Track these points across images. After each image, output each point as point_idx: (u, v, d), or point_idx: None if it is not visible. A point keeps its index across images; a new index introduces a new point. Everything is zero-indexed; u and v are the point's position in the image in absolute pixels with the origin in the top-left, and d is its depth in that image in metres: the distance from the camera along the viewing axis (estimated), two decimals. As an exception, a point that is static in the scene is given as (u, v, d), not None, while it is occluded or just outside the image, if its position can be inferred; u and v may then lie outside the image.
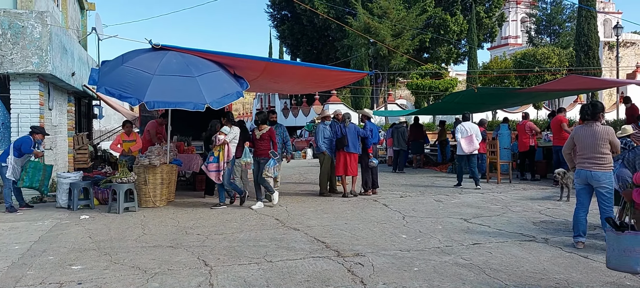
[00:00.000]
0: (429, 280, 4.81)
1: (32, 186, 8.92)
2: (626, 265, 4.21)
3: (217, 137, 8.87)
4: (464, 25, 34.87)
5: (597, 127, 5.86)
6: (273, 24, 42.45)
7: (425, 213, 8.39)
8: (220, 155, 8.90)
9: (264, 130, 9.14)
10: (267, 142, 9.08)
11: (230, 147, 8.99)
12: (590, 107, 6.02)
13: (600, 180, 5.72)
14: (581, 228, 5.96)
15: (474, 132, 11.75)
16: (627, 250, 4.17)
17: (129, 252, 5.95)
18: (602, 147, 5.74)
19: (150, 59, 8.38)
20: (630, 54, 39.51)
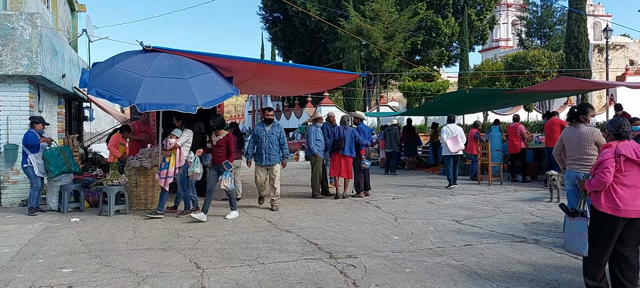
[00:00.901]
0: (421, 281, 4.82)
1: (62, 172, 9.09)
2: (576, 248, 4.55)
3: (168, 141, 8.34)
4: (455, 27, 35.05)
5: (582, 129, 5.92)
6: (265, 26, 42.43)
7: (417, 215, 8.41)
8: (171, 161, 8.30)
9: (221, 135, 8.34)
10: (224, 148, 8.26)
11: (182, 151, 8.46)
12: (575, 108, 6.10)
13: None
14: None
15: (458, 133, 12.16)
16: (577, 235, 4.52)
17: (120, 255, 5.92)
18: (587, 148, 5.79)
19: (141, 60, 8.34)
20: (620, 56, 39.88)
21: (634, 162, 4.15)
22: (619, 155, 4.16)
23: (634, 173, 4.16)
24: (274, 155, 9.07)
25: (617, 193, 4.13)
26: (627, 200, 4.11)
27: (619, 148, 4.19)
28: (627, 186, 4.14)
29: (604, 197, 4.20)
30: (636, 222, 4.15)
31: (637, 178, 4.15)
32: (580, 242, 4.53)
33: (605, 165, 4.18)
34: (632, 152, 4.15)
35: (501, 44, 58.70)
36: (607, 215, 4.15)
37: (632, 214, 4.11)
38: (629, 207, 4.11)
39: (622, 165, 4.15)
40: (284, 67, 11.72)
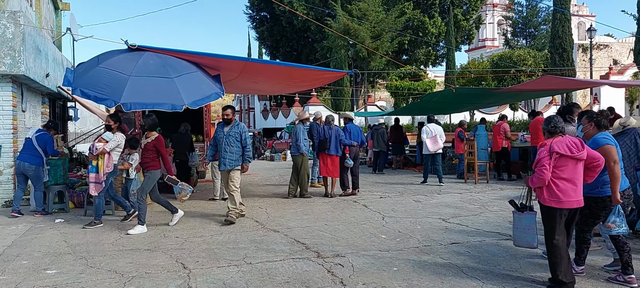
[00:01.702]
0: (408, 279, 4.83)
1: (57, 182, 9.08)
2: (526, 241, 5.06)
3: (95, 145, 7.79)
4: (442, 27, 35.25)
5: (568, 128, 5.97)
6: (252, 25, 42.31)
7: (404, 214, 8.44)
8: (99, 165, 7.76)
9: (150, 138, 7.63)
10: (153, 153, 7.54)
11: (111, 156, 7.87)
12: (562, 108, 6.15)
13: None
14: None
15: (438, 132, 12.55)
16: (526, 228, 5.05)
17: (105, 256, 5.86)
18: None
19: (126, 59, 8.25)
20: (603, 56, 40.38)
21: (568, 156, 4.45)
22: (553, 152, 4.46)
23: (570, 167, 4.47)
24: (230, 159, 7.93)
25: (557, 187, 4.46)
26: (568, 192, 4.45)
27: (552, 146, 4.50)
28: (565, 179, 4.46)
29: (546, 191, 4.52)
30: (582, 210, 4.57)
31: (574, 171, 4.48)
32: (530, 235, 5.04)
33: (542, 163, 4.50)
34: (565, 148, 4.46)
35: (487, 44, 59.16)
36: (552, 208, 4.48)
37: (573, 205, 4.48)
38: (571, 198, 4.46)
39: (557, 161, 4.45)
40: (270, 65, 11.69)
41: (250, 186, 13.12)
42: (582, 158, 4.50)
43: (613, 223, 4.72)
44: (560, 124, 4.61)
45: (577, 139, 4.62)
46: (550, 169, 4.46)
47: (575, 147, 4.50)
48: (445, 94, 16.48)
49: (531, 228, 5.01)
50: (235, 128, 8.03)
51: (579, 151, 4.48)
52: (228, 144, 7.96)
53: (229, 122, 8.09)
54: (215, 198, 10.43)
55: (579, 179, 4.52)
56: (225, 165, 7.95)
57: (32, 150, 8.61)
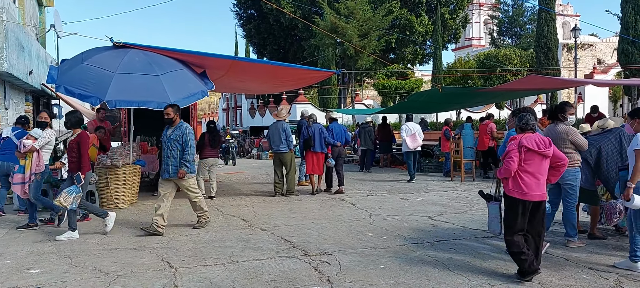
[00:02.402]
0: (394, 277, 4.85)
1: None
2: (492, 228, 5.54)
3: (23, 143, 7.21)
4: (429, 26, 35.40)
5: (559, 127, 6.03)
6: (239, 22, 42.10)
7: (391, 212, 8.47)
8: (26, 165, 7.23)
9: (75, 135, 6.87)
10: (75, 152, 6.73)
11: (41, 155, 7.32)
12: (555, 106, 6.19)
13: (564, 177, 5.89)
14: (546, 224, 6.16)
15: (416, 130, 12.98)
16: (493, 216, 5.49)
17: (90, 255, 5.80)
18: (563, 146, 5.90)
19: (111, 57, 8.17)
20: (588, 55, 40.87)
21: (535, 152, 4.72)
22: (521, 146, 4.74)
23: (536, 162, 4.74)
24: (174, 165, 7.00)
25: (522, 180, 4.74)
26: (531, 185, 4.72)
27: (521, 141, 4.77)
28: (530, 173, 4.73)
29: (511, 183, 4.80)
30: (541, 205, 4.80)
31: (539, 166, 4.75)
32: (495, 223, 5.46)
33: (510, 155, 4.78)
34: (533, 143, 4.73)
35: (474, 43, 59.60)
36: (516, 199, 4.75)
37: (536, 198, 4.73)
38: (533, 192, 4.72)
39: (524, 155, 4.72)
40: (258, 64, 11.63)
41: (237, 184, 13.08)
42: (548, 156, 4.77)
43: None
44: (531, 121, 4.88)
45: (546, 137, 4.86)
46: (517, 162, 4.73)
47: (543, 144, 4.76)
48: (432, 93, 16.57)
49: (495, 216, 5.43)
50: (177, 130, 7.03)
51: (546, 148, 4.74)
52: (170, 148, 7.00)
53: (172, 124, 7.08)
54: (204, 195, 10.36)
55: (543, 175, 4.78)
56: (168, 173, 7.02)
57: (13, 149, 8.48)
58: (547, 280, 4.70)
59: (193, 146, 7.04)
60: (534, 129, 4.88)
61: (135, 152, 9.76)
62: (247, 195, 10.88)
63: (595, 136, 6.37)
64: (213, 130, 10.56)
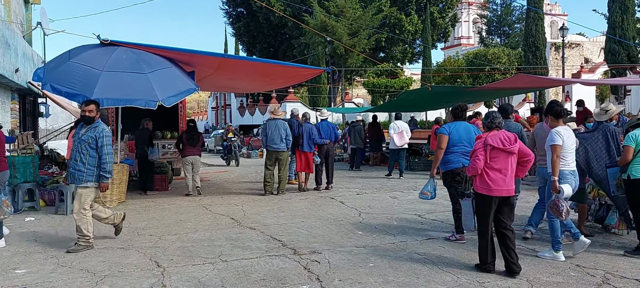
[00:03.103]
0: (383, 275, 4.85)
1: (27, 180, 8.78)
2: (466, 224, 5.82)
3: None
4: (418, 25, 35.50)
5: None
6: (228, 21, 41.92)
7: (381, 210, 8.48)
8: None
9: None
10: None
11: None
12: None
13: None
14: (533, 220, 6.21)
15: (403, 128, 13.40)
16: (466, 213, 5.74)
17: (77, 255, 5.73)
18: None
19: (98, 54, 8.09)
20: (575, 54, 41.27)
21: (500, 149, 4.89)
22: (487, 144, 4.92)
23: (501, 159, 4.91)
24: (80, 171, 5.98)
25: (489, 177, 4.91)
26: (498, 181, 4.88)
27: (487, 139, 4.95)
28: (497, 170, 4.90)
29: (479, 180, 4.98)
30: (509, 200, 4.96)
31: (505, 163, 4.91)
32: (468, 219, 5.70)
33: (476, 154, 4.97)
34: (498, 141, 4.91)
35: (463, 42, 59.89)
36: (483, 195, 4.93)
37: (503, 193, 4.89)
38: (500, 187, 4.88)
39: (490, 153, 4.90)
40: (247, 61, 11.58)
41: (226, 183, 13.03)
42: (514, 152, 4.93)
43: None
44: (497, 119, 5.07)
45: (511, 134, 5.02)
46: (483, 160, 4.91)
47: (507, 141, 4.92)
48: (422, 91, 16.61)
49: (468, 212, 5.64)
50: (91, 131, 6.03)
51: (511, 145, 4.90)
52: (79, 151, 6.00)
53: (89, 121, 6.10)
54: (190, 193, 10.42)
55: (509, 171, 4.94)
56: (74, 179, 6.04)
57: None
58: (535, 278, 4.73)
59: (111, 152, 6.07)
60: (500, 127, 5.06)
61: (123, 151, 9.69)
62: (237, 193, 10.84)
63: (582, 134, 6.41)
64: (192, 128, 10.74)
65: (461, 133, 6.32)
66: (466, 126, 6.52)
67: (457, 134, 6.28)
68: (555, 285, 4.52)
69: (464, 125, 6.50)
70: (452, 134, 6.29)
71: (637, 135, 5.54)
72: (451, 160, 6.31)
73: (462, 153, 6.27)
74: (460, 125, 6.46)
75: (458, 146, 6.27)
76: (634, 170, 5.47)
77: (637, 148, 5.48)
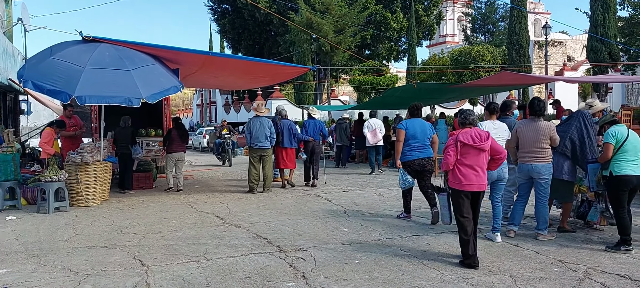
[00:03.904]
0: (369, 271, 4.87)
1: (8, 178, 8.64)
2: (443, 218, 6.06)
3: None
4: (403, 22, 35.63)
5: (541, 123, 6.10)
6: (213, 17, 41.66)
7: (366, 207, 8.51)
8: None
9: None
10: None
11: None
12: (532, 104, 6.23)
13: (541, 172, 6.00)
14: (516, 219, 6.23)
15: (377, 126, 13.75)
16: (443, 207, 5.99)
17: (59, 254, 5.66)
18: (543, 141, 6.00)
19: (81, 51, 7.99)
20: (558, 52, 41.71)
21: (470, 146, 5.05)
22: (458, 141, 5.09)
23: (472, 155, 5.07)
24: None
25: (460, 172, 5.09)
26: (469, 177, 5.06)
27: (458, 136, 5.12)
28: (468, 166, 5.07)
29: (451, 175, 5.18)
30: (481, 195, 5.14)
31: (476, 159, 5.07)
32: (445, 213, 5.95)
33: (448, 150, 5.16)
34: (469, 138, 5.07)
35: (448, 40, 60.25)
36: (456, 190, 5.13)
37: (474, 188, 5.06)
38: (472, 183, 5.05)
39: (461, 149, 5.08)
40: (232, 59, 11.54)
41: (211, 181, 12.97)
42: (485, 149, 5.08)
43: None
44: (471, 116, 5.25)
45: (483, 131, 5.18)
46: (454, 156, 5.10)
47: (478, 138, 5.07)
48: (407, 88, 16.66)
49: (445, 207, 5.87)
50: None
51: (482, 142, 5.06)
52: None
53: None
54: (171, 188, 10.62)
55: (481, 166, 5.10)
56: None
57: None
58: (518, 273, 4.78)
59: None
60: (473, 124, 5.24)
61: (106, 149, 9.58)
62: (222, 191, 10.79)
63: (561, 126, 6.48)
64: (181, 125, 10.96)
65: (416, 128, 7.13)
66: (421, 122, 7.28)
67: (413, 129, 7.09)
68: (538, 281, 4.57)
69: (419, 122, 7.26)
70: (408, 129, 7.11)
71: (616, 132, 5.61)
72: (406, 153, 7.15)
73: (416, 147, 7.09)
74: (416, 121, 7.26)
75: (413, 140, 7.08)
76: (616, 166, 5.54)
77: (617, 145, 5.55)
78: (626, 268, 4.87)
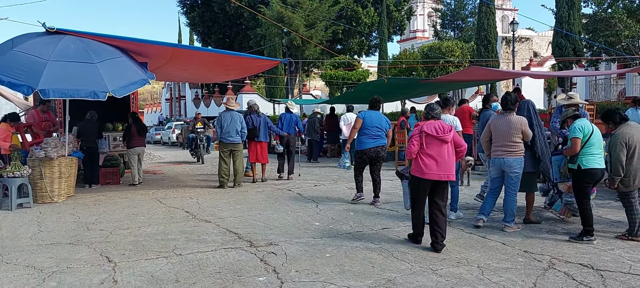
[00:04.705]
0: (340, 265, 4.88)
1: None
2: (405, 204, 6.24)
3: None
4: (374, 17, 35.80)
5: (512, 117, 6.20)
6: (182, 10, 41.02)
7: (338, 201, 8.53)
8: None
9: None
10: None
11: None
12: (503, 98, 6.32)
13: (512, 166, 6.11)
14: (486, 210, 6.35)
15: (352, 120, 13.58)
16: (404, 193, 6.22)
17: (22, 251, 5.50)
18: (514, 135, 6.10)
19: (44, 43, 7.76)
20: (525, 48, 42.63)
21: (433, 137, 5.39)
22: (422, 132, 5.44)
23: (435, 145, 5.40)
24: None
25: (423, 161, 5.40)
26: (430, 166, 5.37)
27: (423, 127, 5.47)
28: (430, 156, 5.39)
29: (414, 163, 5.49)
30: (442, 184, 5.44)
31: (439, 149, 5.39)
32: (406, 199, 6.16)
33: (412, 140, 5.49)
34: (433, 129, 5.42)
35: (418, 35, 60.89)
36: (417, 177, 5.44)
37: (434, 177, 5.37)
38: (432, 172, 5.36)
39: (425, 140, 5.41)
40: (201, 52, 11.39)
41: (181, 176, 12.80)
42: (447, 141, 5.41)
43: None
44: (435, 110, 5.61)
45: (447, 124, 5.52)
46: (417, 145, 5.43)
47: (441, 130, 5.42)
48: (378, 83, 16.80)
49: (405, 193, 6.12)
50: None
51: (444, 133, 5.40)
52: None
53: None
54: (135, 183, 10.68)
55: (442, 157, 5.39)
56: None
57: None
58: (485, 264, 4.87)
59: None
60: (437, 117, 5.57)
61: (71, 144, 9.35)
62: (192, 187, 10.67)
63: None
64: (139, 120, 11.19)
65: (373, 119, 7.90)
66: (378, 114, 8.07)
67: (370, 120, 7.87)
68: (505, 271, 4.67)
69: (376, 114, 8.04)
70: (366, 119, 7.87)
71: (583, 126, 5.74)
72: (363, 141, 7.94)
73: (372, 136, 7.89)
74: (373, 113, 8.02)
75: (369, 130, 7.85)
76: (584, 160, 5.67)
77: (584, 139, 5.69)
78: (588, 258, 5.02)
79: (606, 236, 5.88)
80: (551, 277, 4.49)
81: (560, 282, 4.36)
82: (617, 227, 6.30)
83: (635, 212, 5.68)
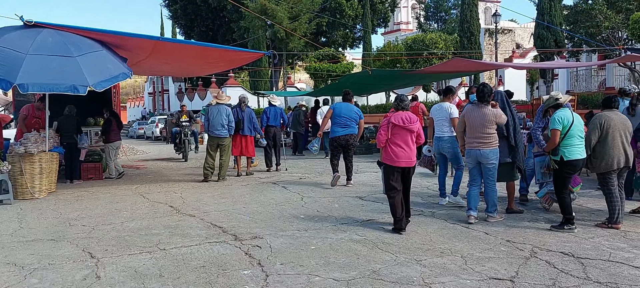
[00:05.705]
0: (325, 257, 4.89)
1: None
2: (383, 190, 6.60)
3: None
4: (358, 10, 35.76)
5: (486, 109, 6.21)
6: (164, 2, 40.53)
7: (323, 193, 8.54)
8: None
9: None
10: None
11: None
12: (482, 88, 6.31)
13: (488, 157, 6.14)
14: (473, 204, 6.26)
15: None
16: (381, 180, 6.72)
17: (3, 248, 5.42)
18: (488, 127, 6.12)
19: (22, 37, 7.60)
20: (507, 40, 42.95)
21: (400, 127, 5.80)
22: (390, 122, 5.82)
23: (402, 135, 5.83)
24: None
25: (392, 150, 5.83)
26: (399, 154, 5.80)
27: (390, 118, 5.84)
28: (398, 144, 5.82)
29: (384, 152, 5.92)
30: (411, 171, 5.91)
31: (406, 138, 5.83)
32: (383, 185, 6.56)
33: (380, 130, 5.91)
34: (400, 120, 5.81)
35: (402, 27, 60.92)
36: (388, 165, 5.86)
37: (402, 164, 5.81)
38: (400, 159, 5.79)
39: (392, 130, 5.81)
40: (183, 44, 11.23)
41: (164, 170, 12.71)
42: (413, 130, 5.84)
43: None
44: (405, 101, 6.03)
45: (413, 115, 5.93)
46: (385, 135, 5.83)
47: (408, 120, 5.83)
48: (362, 75, 16.79)
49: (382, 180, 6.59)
50: None
51: (410, 124, 5.82)
52: None
53: None
54: (113, 176, 10.82)
55: (409, 145, 5.85)
56: None
57: None
58: (469, 254, 4.92)
59: None
60: (405, 108, 5.98)
61: (52, 139, 9.21)
62: (175, 181, 10.59)
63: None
64: (116, 114, 11.48)
65: (343, 110, 8.85)
66: (348, 106, 8.98)
67: (340, 111, 8.84)
68: (488, 260, 4.72)
69: (346, 105, 8.98)
70: (335, 110, 8.89)
71: (562, 117, 5.77)
72: (334, 130, 8.93)
73: (342, 125, 8.81)
74: (344, 105, 9.00)
75: (339, 119, 8.80)
76: (566, 152, 5.72)
77: (563, 131, 5.74)
78: (569, 247, 5.10)
79: (587, 225, 5.97)
80: (533, 266, 4.55)
81: (541, 270, 4.42)
82: (598, 215, 6.41)
83: (614, 200, 5.77)
